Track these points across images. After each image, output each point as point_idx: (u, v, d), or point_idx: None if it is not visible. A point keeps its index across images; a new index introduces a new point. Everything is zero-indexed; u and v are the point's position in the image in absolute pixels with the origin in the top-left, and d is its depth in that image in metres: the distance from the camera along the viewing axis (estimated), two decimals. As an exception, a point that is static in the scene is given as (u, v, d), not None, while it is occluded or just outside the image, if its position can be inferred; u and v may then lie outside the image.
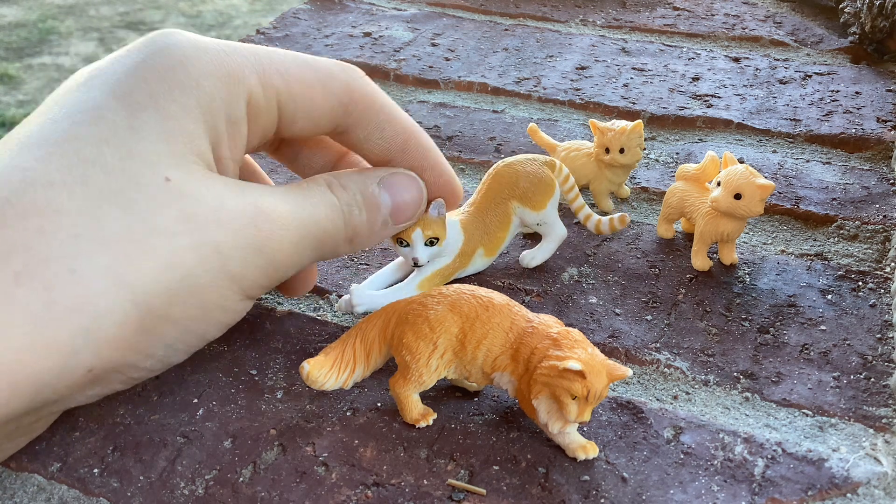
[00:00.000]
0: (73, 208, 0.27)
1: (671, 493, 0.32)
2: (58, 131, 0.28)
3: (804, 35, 0.72)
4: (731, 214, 0.42)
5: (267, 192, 0.32)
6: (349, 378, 0.35)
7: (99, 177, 0.28)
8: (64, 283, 0.26)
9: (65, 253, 0.26)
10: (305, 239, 0.32)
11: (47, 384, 0.27)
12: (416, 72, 0.66)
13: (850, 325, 0.41)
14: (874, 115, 0.59)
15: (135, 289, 0.27)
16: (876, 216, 0.48)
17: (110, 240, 0.27)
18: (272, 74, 0.32)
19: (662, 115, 0.59)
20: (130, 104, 0.29)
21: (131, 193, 0.28)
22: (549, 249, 0.44)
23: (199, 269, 0.29)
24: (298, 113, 0.33)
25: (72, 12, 3.24)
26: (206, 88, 0.31)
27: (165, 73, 0.30)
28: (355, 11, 0.78)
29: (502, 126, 0.59)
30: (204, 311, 0.30)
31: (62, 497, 0.32)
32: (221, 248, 0.29)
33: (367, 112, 0.35)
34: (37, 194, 0.27)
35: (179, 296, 0.29)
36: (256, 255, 0.31)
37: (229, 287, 0.30)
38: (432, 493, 0.32)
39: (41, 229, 0.26)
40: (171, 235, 0.28)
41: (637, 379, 0.38)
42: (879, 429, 0.35)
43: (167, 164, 0.29)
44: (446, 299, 0.34)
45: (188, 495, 0.32)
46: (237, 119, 0.32)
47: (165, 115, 0.30)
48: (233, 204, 0.30)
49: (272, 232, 0.31)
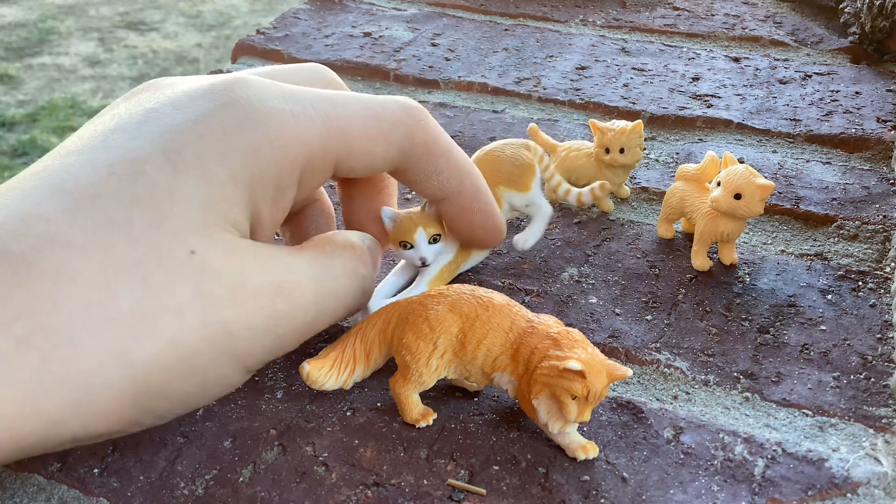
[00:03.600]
0: (88, 278, 0.26)
1: (671, 493, 0.32)
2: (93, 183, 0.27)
3: (804, 35, 0.72)
4: (731, 214, 0.42)
5: (293, 264, 0.30)
6: (349, 378, 0.35)
7: (121, 244, 0.27)
8: (62, 355, 0.25)
9: (70, 325, 0.26)
10: (321, 315, 0.31)
11: (26, 446, 0.26)
12: (416, 72, 0.66)
13: (850, 325, 0.41)
14: (874, 115, 0.59)
15: (134, 365, 0.27)
16: (876, 216, 0.48)
17: (119, 315, 0.26)
18: (335, 136, 0.31)
19: (662, 115, 0.59)
20: (177, 163, 0.28)
21: (150, 266, 0.27)
22: (539, 229, 0.44)
23: (205, 347, 0.28)
24: (357, 167, 0.32)
25: (72, 12, 3.24)
26: (263, 157, 0.29)
27: (222, 135, 0.29)
28: (355, 11, 0.78)
29: (502, 126, 0.59)
30: (201, 387, 0.29)
31: (62, 497, 0.32)
32: (231, 328, 0.28)
33: (426, 156, 0.34)
34: (54, 255, 0.26)
35: (180, 373, 0.28)
36: (266, 336, 0.29)
37: (232, 365, 0.29)
38: (432, 493, 0.32)
39: (52, 298, 0.25)
40: (182, 313, 0.27)
41: (637, 379, 0.38)
42: (879, 429, 0.35)
43: (196, 234, 0.28)
44: (446, 299, 0.34)
45: (188, 495, 0.32)
46: (286, 186, 0.30)
47: (209, 181, 0.28)
48: (254, 281, 0.29)
49: (289, 313, 0.30)
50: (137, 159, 0.28)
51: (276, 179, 0.30)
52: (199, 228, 0.28)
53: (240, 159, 0.29)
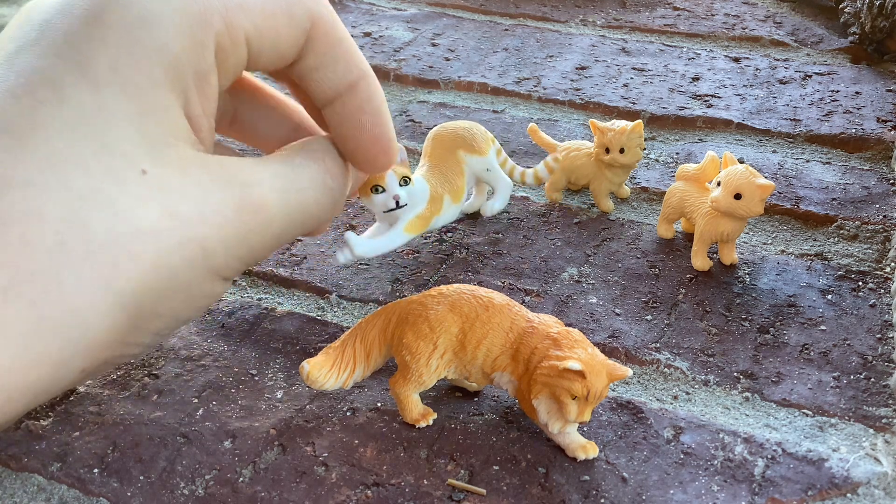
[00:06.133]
0: (56, 214, 0.26)
1: (671, 493, 0.32)
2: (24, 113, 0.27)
3: (804, 35, 0.72)
4: (731, 214, 0.42)
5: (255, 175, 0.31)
6: (349, 378, 0.35)
7: (77, 175, 0.27)
8: (51, 297, 0.26)
9: (51, 264, 0.26)
10: (290, 227, 0.32)
11: (41, 390, 0.27)
12: (416, 72, 0.66)
13: (850, 325, 0.41)
14: (874, 115, 0.59)
15: (123, 294, 0.27)
16: (876, 216, 0.48)
17: (95, 246, 0.26)
18: (235, 12, 0.30)
19: (662, 115, 0.59)
20: (93, 78, 0.27)
21: (112, 191, 0.27)
22: (503, 198, 0.48)
23: (185, 266, 0.28)
24: (265, 47, 0.32)
25: (72, 12, 3.23)
26: (172, 49, 0.29)
27: (125, 35, 0.28)
28: (355, 11, 0.78)
29: (502, 126, 0.59)
30: (188, 302, 0.30)
31: (62, 497, 0.32)
32: (206, 244, 0.29)
33: (325, 41, 0.33)
34: (16, 196, 0.26)
35: (166, 293, 0.28)
36: (239, 247, 0.30)
37: (212, 278, 0.30)
38: (432, 493, 0.32)
39: (25, 240, 0.25)
40: (156, 234, 0.27)
41: (637, 379, 0.38)
42: (879, 429, 0.35)
43: (142, 153, 0.28)
44: (446, 299, 0.34)
45: (188, 495, 0.32)
46: (206, 71, 0.30)
47: (132, 91, 0.28)
48: (217, 197, 0.29)
49: (257, 225, 0.30)
50: (54, 81, 0.27)
51: (193, 66, 0.30)
52: (142, 147, 0.28)
53: (150, 57, 0.28)
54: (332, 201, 0.33)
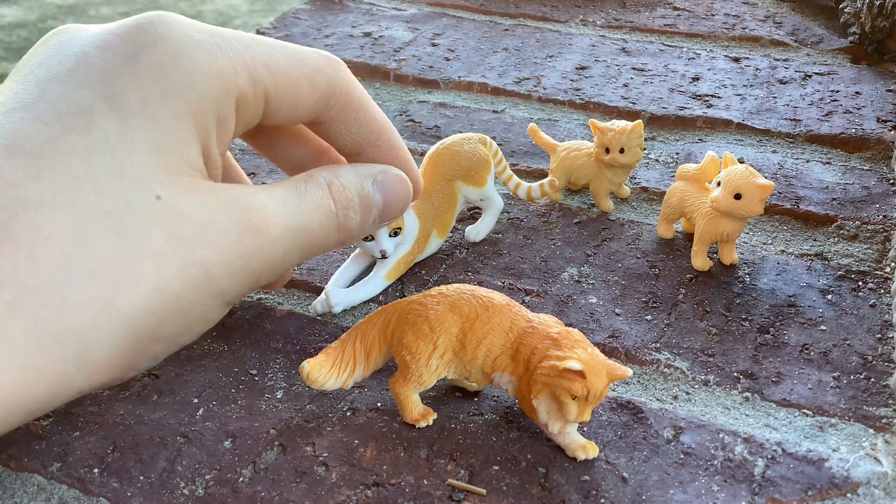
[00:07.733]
0: (63, 234, 0.27)
1: (671, 493, 0.32)
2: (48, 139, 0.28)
3: (804, 35, 0.72)
4: (731, 214, 0.42)
5: (260, 200, 0.31)
6: (349, 378, 0.35)
7: (89, 198, 0.27)
8: (54, 313, 0.26)
9: (55, 281, 0.26)
10: (293, 250, 0.32)
11: (38, 406, 0.27)
12: (416, 72, 0.66)
13: (850, 325, 0.41)
14: (874, 115, 0.59)
15: (125, 315, 0.27)
16: (876, 216, 0.48)
17: (99, 266, 0.27)
18: (261, 70, 0.32)
19: (662, 115, 0.59)
20: (122, 109, 0.29)
21: (121, 215, 0.28)
22: (490, 222, 0.47)
23: (187, 289, 0.29)
24: (283, 106, 0.33)
25: (72, 12, 3.24)
26: (199, 89, 0.30)
27: (158, 74, 0.30)
28: (355, 11, 0.78)
29: (502, 126, 0.59)
30: (188, 326, 0.30)
31: (62, 497, 0.32)
32: (208, 267, 0.29)
33: (346, 107, 0.35)
34: (28, 217, 0.26)
35: (167, 316, 0.29)
36: (241, 271, 0.30)
37: (213, 302, 0.30)
38: (432, 493, 0.32)
39: (32, 257, 0.26)
40: (160, 258, 0.28)
41: (637, 379, 0.38)
42: (879, 429, 0.35)
43: (158, 179, 0.29)
44: (446, 299, 0.34)
45: (188, 495, 0.32)
46: (226, 117, 0.32)
47: (157, 124, 0.29)
48: (222, 220, 0.30)
49: (259, 248, 0.31)
50: (83, 110, 0.28)
51: (216, 110, 0.31)
52: (158, 173, 0.29)
53: (179, 95, 0.30)
54: (336, 226, 0.34)
